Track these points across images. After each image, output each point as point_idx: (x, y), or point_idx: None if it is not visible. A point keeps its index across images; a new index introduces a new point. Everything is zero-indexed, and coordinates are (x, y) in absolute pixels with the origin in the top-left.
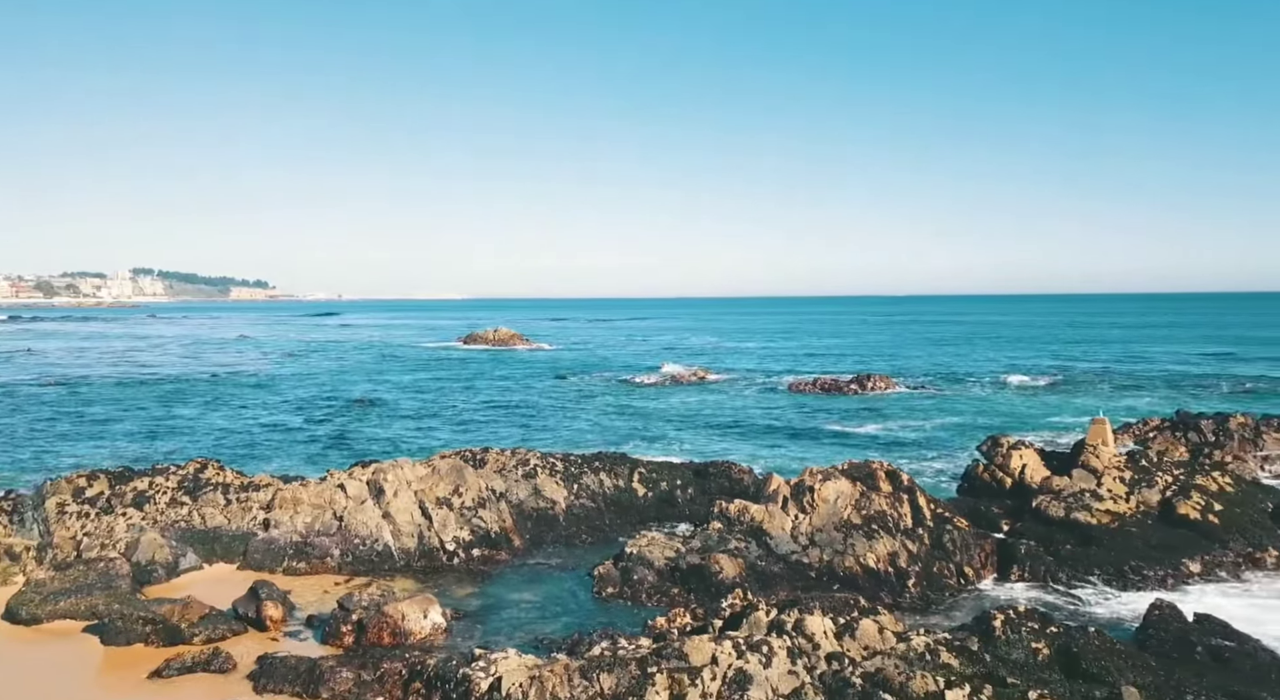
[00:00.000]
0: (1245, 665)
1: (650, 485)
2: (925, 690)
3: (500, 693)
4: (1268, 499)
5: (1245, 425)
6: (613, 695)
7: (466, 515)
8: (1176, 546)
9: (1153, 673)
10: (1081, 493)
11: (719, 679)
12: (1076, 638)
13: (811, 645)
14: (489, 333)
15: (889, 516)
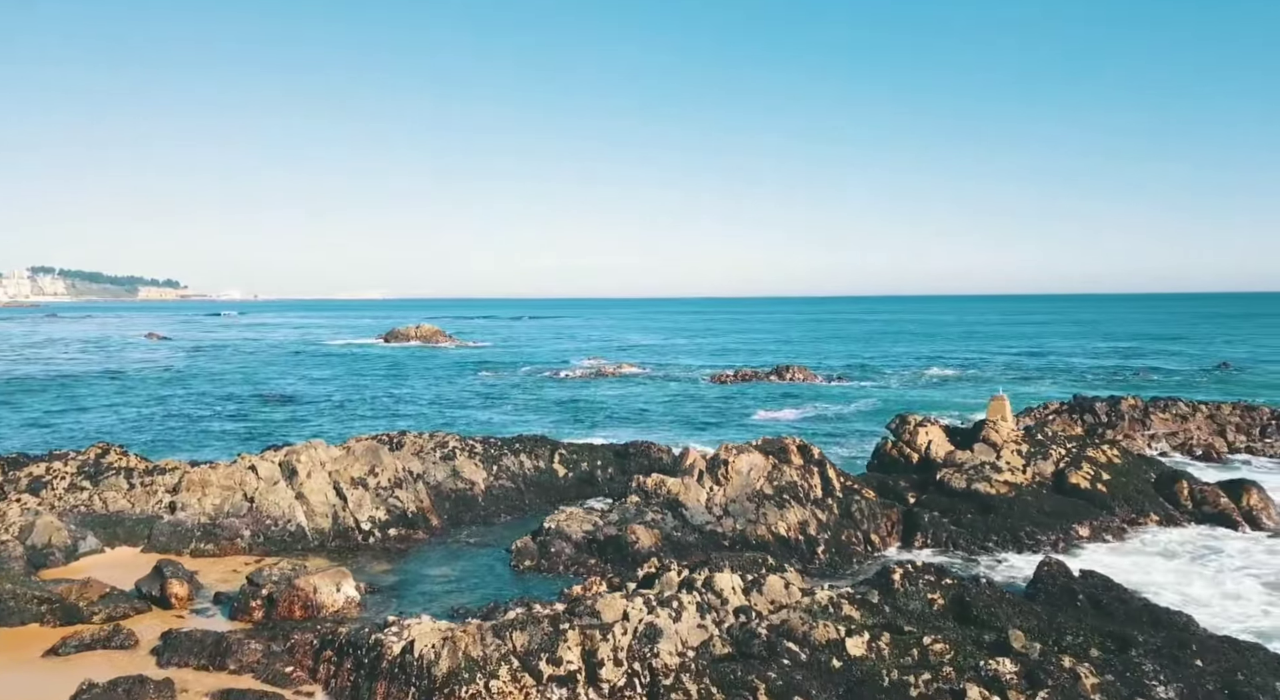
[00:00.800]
0: (1120, 610)
1: (571, 466)
2: (827, 639)
3: (413, 655)
4: (1151, 470)
5: (1135, 407)
6: (525, 652)
7: (382, 495)
8: (1067, 513)
9: (1037, 617)
10: (982, 465)
11: (630, 633)
12: (969, 589)
13: (720, 601)
14: (411, 329)
15: (800, 487)
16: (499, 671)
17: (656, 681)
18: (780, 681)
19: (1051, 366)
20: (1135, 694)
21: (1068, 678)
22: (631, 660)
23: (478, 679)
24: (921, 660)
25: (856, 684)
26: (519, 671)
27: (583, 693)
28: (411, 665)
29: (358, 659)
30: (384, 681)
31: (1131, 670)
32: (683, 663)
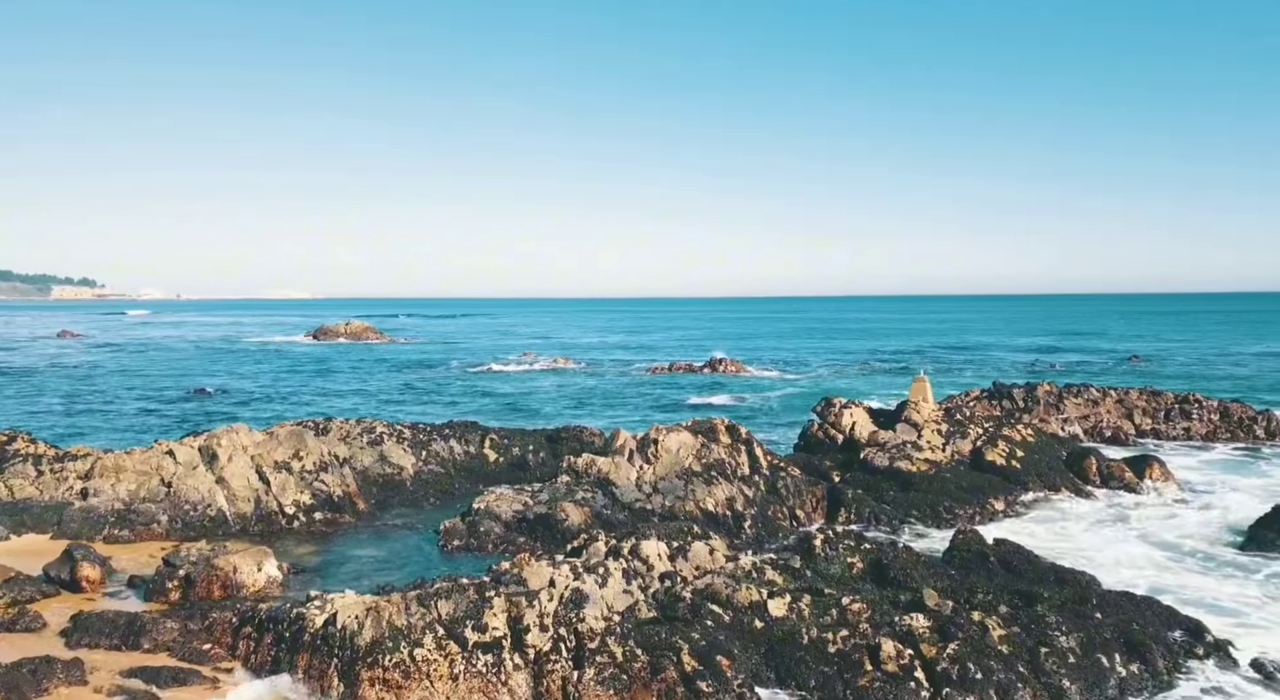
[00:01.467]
0: (1029, 571)
1: (501, 451)
2: (750, 601)
3: (336, 627)
4: (1063, 448)
5: (1050, 393)
6: (450, 621)
7: (307, 479)
8: (984, 488)
9: (951, 578)
10: (903, 444)
11: (556, 599)
12: (887, 553)
13: (646, 567)
14: (341, 326)
15: (728, 465)
16: (423, 640)
17: (582, 645)
18: (703, 642)
19: (975, 359)
20: (1039, 644)
21: (977, 630)
22: (557, 625)
23: (402, 647)
24: (840, 619)
25: (778, 643)
26: (444, 639)
27: (508, 658)
28: (334, 637)
29: (279, 633)
30: (306, 654)
31: (1036, 623)
32: (608, 626)
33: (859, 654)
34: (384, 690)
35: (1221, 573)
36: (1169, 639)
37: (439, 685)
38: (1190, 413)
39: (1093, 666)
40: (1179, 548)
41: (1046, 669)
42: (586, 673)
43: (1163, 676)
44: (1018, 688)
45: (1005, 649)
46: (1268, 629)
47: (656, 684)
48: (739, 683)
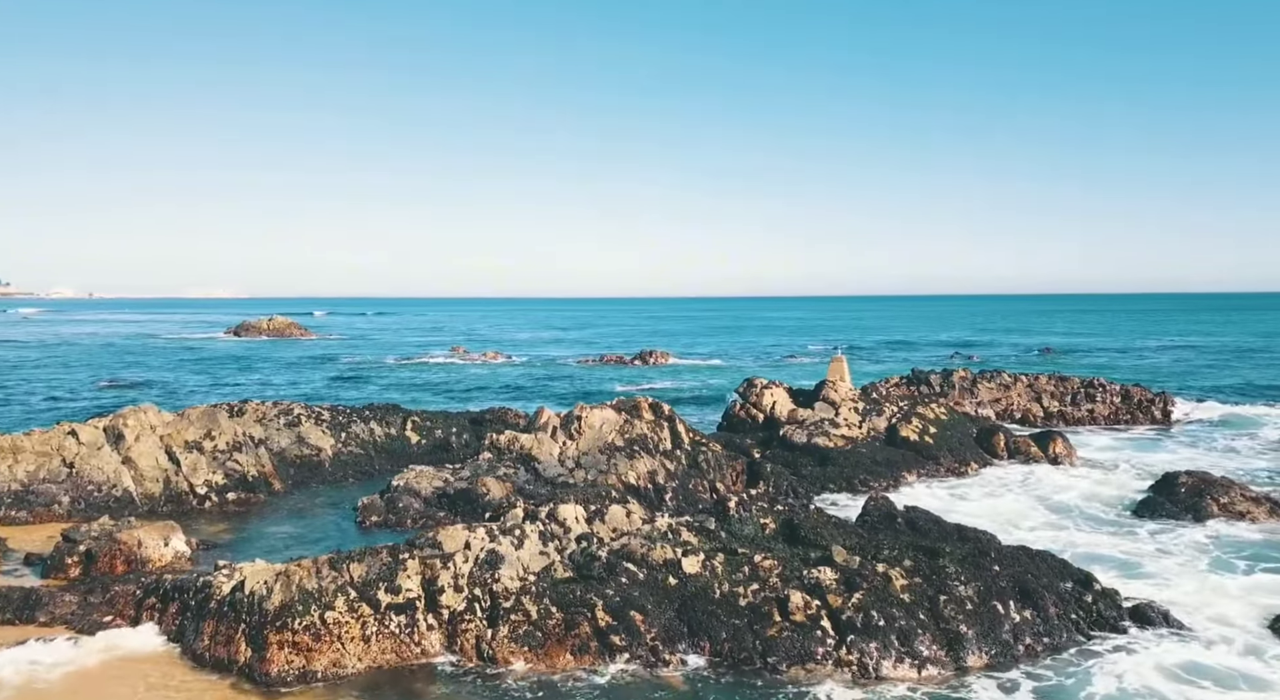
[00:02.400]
0: (934, 530)
1: (424, 433)
2: (664, 559)
3: (244, 592)
4: (973, 426)
5: (965, 378)
6: (363, 583)
7: (220, 459)
8: (898, 462)
9: (859, 537)
10: (821, 422)
11: (471, 561)
12: (799, 514)
13: (564, 530)
14: (263, 322)
15: (650, 440)
16: (335, 603)
17: (497, 604)
18: (617, 598)
19: (898, 352)
20: (939, 592)
21: (880, 580)
22: (472, 586)
23: (312, 611)
24: (751, 575)
25: (691, 597)
26: (356, 602)
27: (421, 619)
28: (242, 602)
29: (184, 602)
30: (212, 621)
31: (937, 574)
32: (523, 586)
33: (768, 606)
34: (293, 653)
35: (1113, 532)
36: (1061, 588)
37: (350, 646)
38: (1094, 396)
39: (989, 613)
40: (1077, 512)
41: (945, 616)
42: (501, 630)
43: (1054, 622)
44: (918, 633)
45: (907, 598)
46: (1149, 578)
47: (571, 639)
48: (652, 636)
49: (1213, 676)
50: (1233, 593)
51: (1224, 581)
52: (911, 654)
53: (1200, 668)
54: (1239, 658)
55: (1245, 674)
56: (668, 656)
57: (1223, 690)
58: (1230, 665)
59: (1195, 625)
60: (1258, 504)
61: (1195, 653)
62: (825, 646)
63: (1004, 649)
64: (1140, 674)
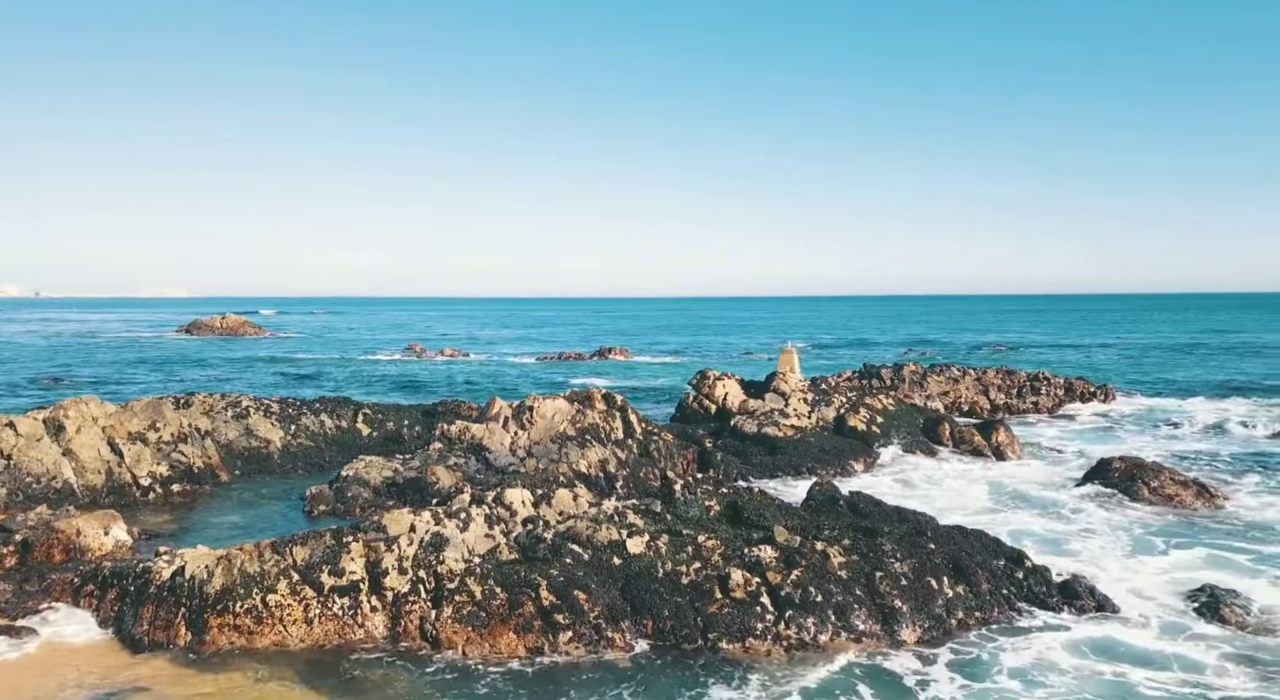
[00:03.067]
0: (875, 512)
1: (375, 425)
2: (609, 540)
3: (184, 577)
4: (920, 416)
5: (915, 372)
6: (306, 566)
7: (165, 450)
8: (845, 451)
9: (801, 518)
10: (771, 412)
11: (415, 544)
12: (743, 496)
13: (510, 513)
14: (216, 320)
15: (602, 429)
16: (277, 586)
17: (441, 586)
18: (561, 578)
19: (853, 349)
20: (875, 569)
21: (819, 558)
22: (417, 568)
23: (254, 594)
24: (695, 554)
25: (634, 577)
26: (299, 584)
27: (365, 601)
28: (182, 587)
29: (123, 588)
30: (151, 606)
31: (874, 552)
32: (468, 568)
33: (710, 584)
34: (234, 635)
35: (1047, 515)
36: (994, 566)
37: (293, 629)
38: (1039, 389)
39: (923, 588)
40: (1015, 496)
41: (881, 591)
42: (445, 611)
43: (986, 597)
44: (854, 608)
45: (844, 574)
46: (1077, 556)
47: (515, 618)
48: (595, 614)
49: (1130, 650)
50: (1154, 571)
51: (1147, 561)
52: (848, 628)
53: (1118, 642)
54: (1156, 632)
55: (1161, 649)
56: (610, 634)
57: (1138, 665)
58: (1147, 640)
59: (1119, 600)
60: (1185, 487)
61: (1115, 628)
62: (764, 622)
63: (937, 623)
64: (1062, 646)
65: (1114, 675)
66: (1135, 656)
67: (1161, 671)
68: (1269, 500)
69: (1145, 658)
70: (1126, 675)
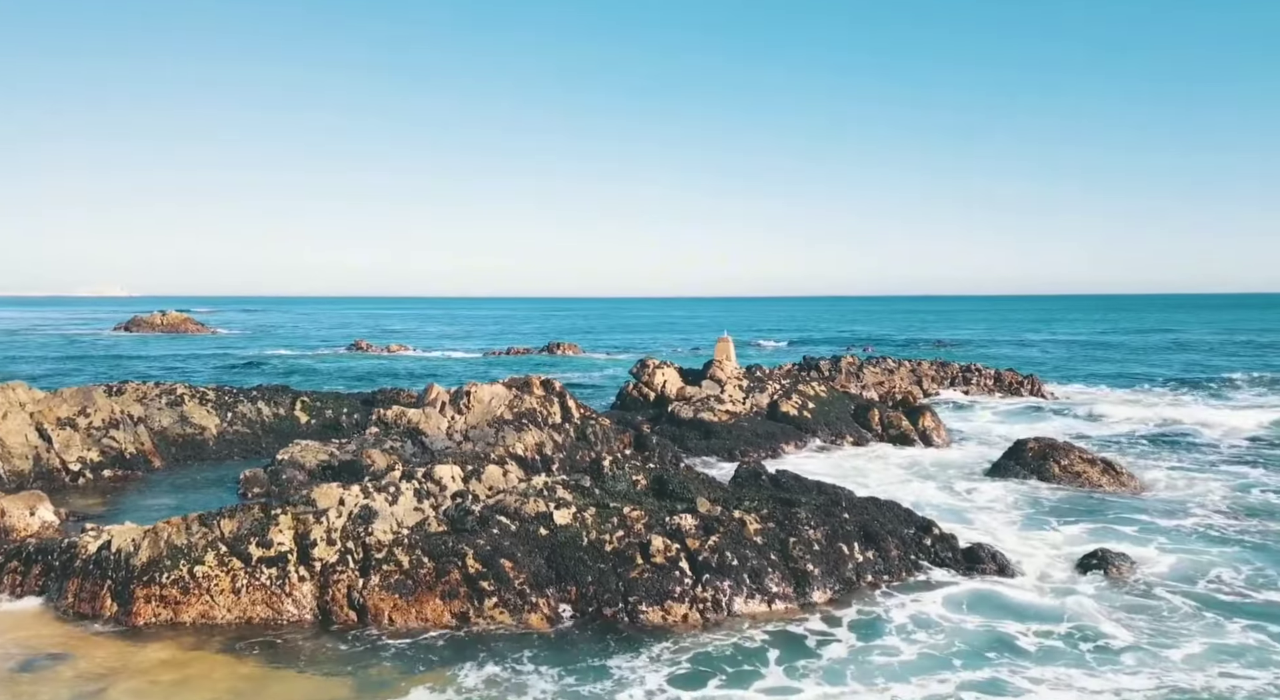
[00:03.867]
0: (795, 486)
1: (314, 413)
2: (537, 512)
3: (110, 550)
4: (851, 403)
5: (852, 363)
6: (234, 538)
7: (95, 436)
8: (777, 435)
9: (724, 491)
10: (707, 398)
11: (345, 516)
12: (668, 471)
13: (439, 488)
14: (156, 317)
15: (539, 414)
16: (205, 557)
17: (369, 556)
18: (488, 547)
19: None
20: (789, 535)
21: (736, 524)
22: (345, 539)
23: (181, 565)
24: (620, 524)
25: (560, 546)
26: (226, 556)
27: (293, 571)
28: (108, 560)
29: (48, 563)
30: (76, 579)
31: (790, 519)
32: (396, 538)
33: (632, 551)
34: (160, 606)
35: (962, 491)
36: (903, 533)
37: (220, 598)
38: (970, 379)
39: (834, 553)
40: (935, 474)
41: (794, 556)
42: (372, 579)
43: (894, 561)
44: (768, 571)
45: (760, 541)
46: (984, 528)
47: (441, 586)
48: (520, 581)
49: (1021, 605)
50: (1053, 540)
51: (1047, 532)
52: (762, 590)
53: (1011, 599)
54: (1046, 590)
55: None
56: (535, 599)
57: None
58: (1036, 596)
59: (1017, 565)
60: (1093, 465)
61: (1010, 587)
62: (683, 585)
63: (847, 585)
64: (958, 603)
65: (1002, 629)
66: (1024, 611)
67: (1047, 623)
68: (1170, 479)
69: (1033, 612)
70: (1012, 628)
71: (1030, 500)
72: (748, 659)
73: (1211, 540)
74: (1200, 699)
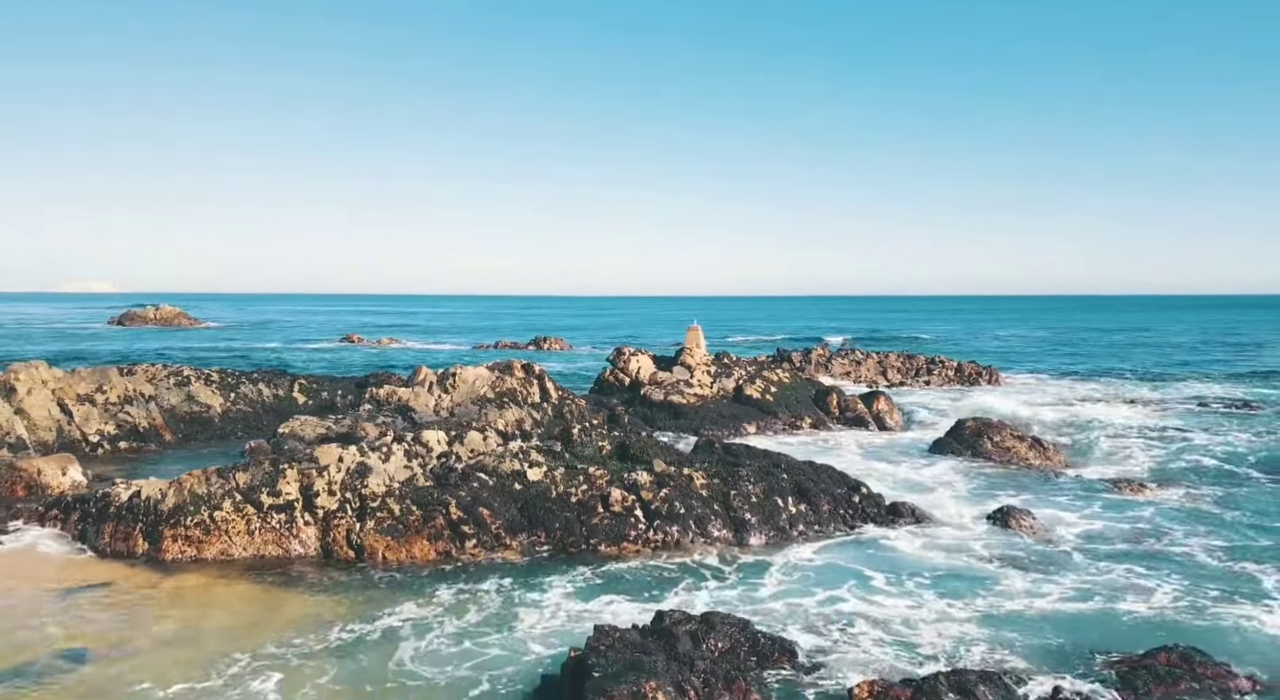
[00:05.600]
0: (743, 453)
1: (311, 394)
2: (512, 470)
3: (140, 498)
4: (813, 388)
5: (822, 355)
6: (247, 488)
7: (112, 411)
8: (740, 416)
9: (679, 455)
10: (677, 382)
11: (343, 471)
12: (631, 437)
13: (426, 449)
14: (150, 311)
15: (520, 394)
16: (222, 504)
17: (365, 504)
18: (469, 498)
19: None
20: (731, 489)
21: (685, 480)
22: (344, 491)
23: (202, 510)
24: (585, 481)
25: (532, 498)
26: (241, 503)
27: (299, 516)
28: (139, 506)
29: (85, 510)
30: (111, 523)
31: (731, 474)
32: (389, 490)
33: (594, 502)
34: (185, 545)
35: (903, 464)
36: (835, 492)
37: (237, 539)
38: (933, 370)
39: (770, 505)
40: (881, 449)
41: (734, 506)
42: (368, 524)
43: (824, 514)
44: (711, 519)
45: (705, 493)
46: (917, 492)
47: (428, 529)
48: (497, 526)
49: (932, 549)
50: (971, 502)
51: (968, 495)
52: (705, 535)
53: (926, 545)
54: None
55: (953, 546)
56: (509, 541)
57: (935, 557)
58: (945, 541)
59: (936, 519)
60: (1021, 441)
61: (925, 535)
62: (637, 530)
63: (781, 533)
64: (876, 548)
65: (916, 563)
66: (934, 553)
67: (951, 559)
68: (1091, 456)
69: (940, 554)
70: (921, 563)
71: (963, 471)
72: (692, 579)
73: (1112, 505)
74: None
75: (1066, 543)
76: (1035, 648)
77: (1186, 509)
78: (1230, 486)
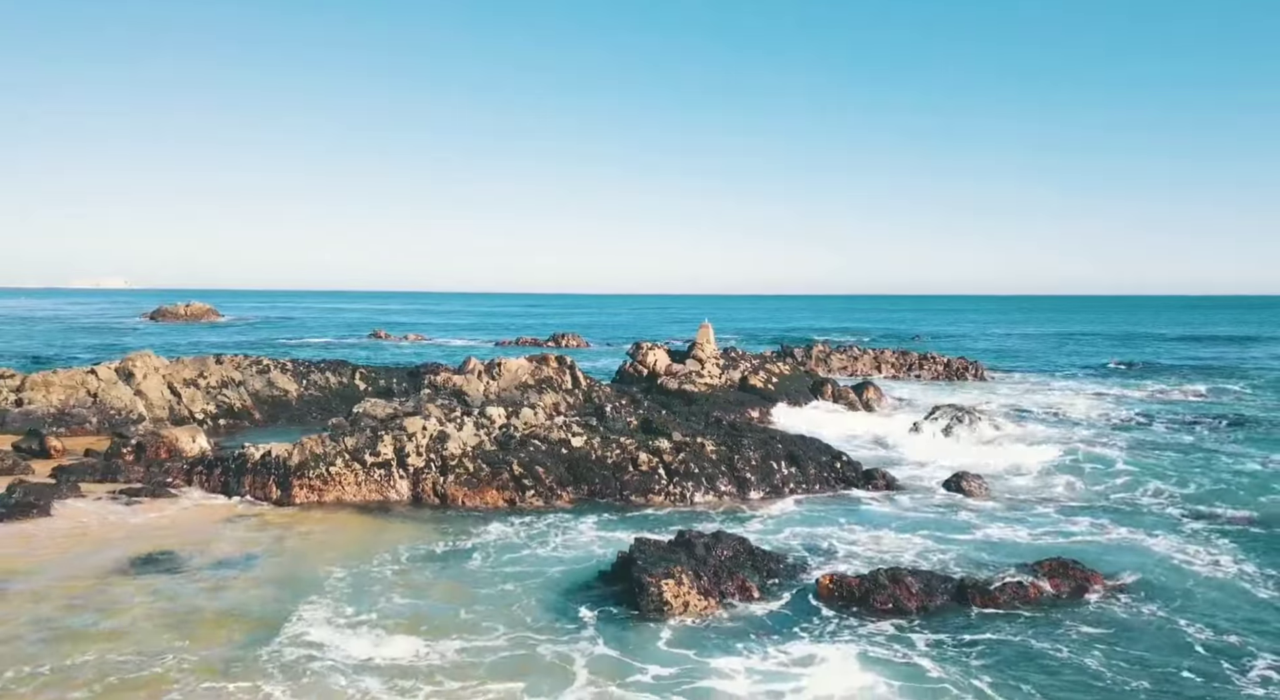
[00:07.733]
0: (745, 427)
1: (370, 382)
2: (559, 438)
3: (271, 457)
4: (810, 379)
5: (823, 350)
6: (354, 450)
7: (212, 393)
8: (745, 403)
9: (693, 428)
10: (690, 373)
11: (427, 438)
12: (654, 414)
13: (490, 422)
14: (181, 307)
15: (555, 381)
16: (335, 462)
17: (446, 463)
18: (527, 459)
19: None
20: (735, 455)
21: (698, 446)
22: (428, 452)
23: (321, 466)
24: (617, 447)
25: (576, 460)
26: (350, 461)
27: (394, 472)
28: (271, 462)
29: (225, 466)
30: (250, 476)
31: (735, 443)
32: (464, 452)
33: (626, 463)
34: (309, 492)
35: (880, 442)
36: (820, 459)
37: (348, 488)
38: (924, 365)
39: (766, 468)
40: (865, 431)
41: (738, 468)
42: (449, 478)
43: (811, 476)
44: (720, 477)
45: (714, 457)
46: (893, 466)
47: (496, 481)
48: (550, 481)
49: (895, 508)
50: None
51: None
52: (714, 490)
53: (892, 504)
54: (916, 500)
55: (916, 506)
56: (560, 492)
57: (896, 515)
58: (906, 502)
59: (905, 486)
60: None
61: (893, 497)
62: (660, 485)
63: (775, 490)
64: (851, 504)
65: (885, 514)
66: (899, 505)
67: (915, 510)
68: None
69: (906, 505)
70: (889, 514)
71: (935, 448)
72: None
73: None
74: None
75: (1004, 499)
76: (965, 558)
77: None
78: (1151, 450)
